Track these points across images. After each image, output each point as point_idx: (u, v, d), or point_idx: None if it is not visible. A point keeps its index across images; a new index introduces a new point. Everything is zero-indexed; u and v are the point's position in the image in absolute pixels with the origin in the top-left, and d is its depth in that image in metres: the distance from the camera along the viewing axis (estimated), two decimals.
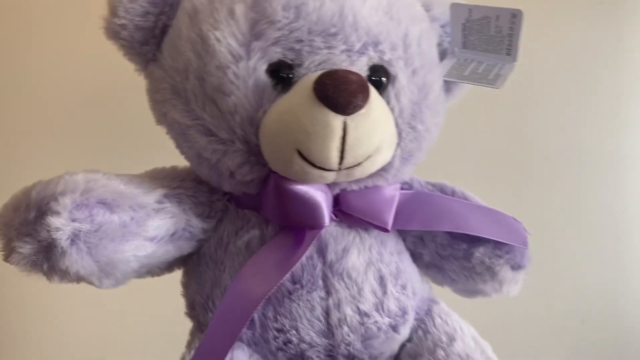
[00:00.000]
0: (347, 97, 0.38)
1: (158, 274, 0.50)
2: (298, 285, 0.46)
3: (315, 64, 0.42)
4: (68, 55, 0.85)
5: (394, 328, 0.48)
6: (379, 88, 0.44)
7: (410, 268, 0.52)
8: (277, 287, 0.45)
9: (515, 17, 0.47)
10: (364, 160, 0.42)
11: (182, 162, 0.50)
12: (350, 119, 0.39)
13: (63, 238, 0.39)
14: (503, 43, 0.49)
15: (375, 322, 0.47)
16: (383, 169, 0.45)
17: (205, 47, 0.42)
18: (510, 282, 0.51)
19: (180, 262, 0.51)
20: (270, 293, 0.44)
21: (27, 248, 0.39)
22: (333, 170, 0.41)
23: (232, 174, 0.44)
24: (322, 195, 0.45)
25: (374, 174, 0.45)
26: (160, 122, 0.47)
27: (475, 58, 0.51)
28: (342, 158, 0.40)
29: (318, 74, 0.40)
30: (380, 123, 0.42)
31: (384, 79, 0.44)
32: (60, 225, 0.38)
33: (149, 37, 0.46)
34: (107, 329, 0.88)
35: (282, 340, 0.46)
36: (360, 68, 0.43)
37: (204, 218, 0.48)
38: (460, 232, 0.50)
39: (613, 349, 0.96)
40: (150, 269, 0.48)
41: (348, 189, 0.46)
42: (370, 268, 0.47)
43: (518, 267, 0.50)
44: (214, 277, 0.47)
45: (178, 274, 0.53)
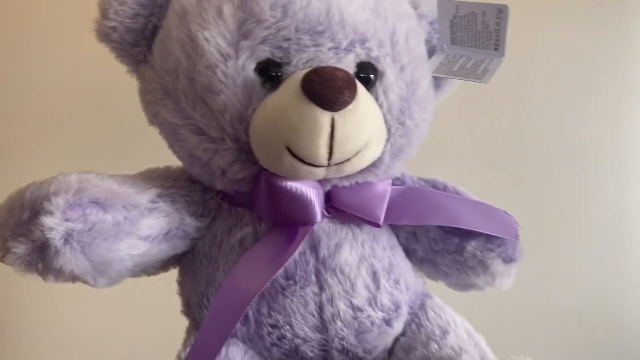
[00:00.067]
0: (334, 93, 0.39)
1: (153, 273, 0.51)
2: (291, 281, 0.46)
3: (303, 62, 0.42)
4: (65, 57, 0.85)
5: (388, 322, 0.48)
6: (367, 85, 0.44)
7: (403, 263, 0.52)
8: (270, 283, 0.45)
9: (502, 12, 0.47)
10: (353, 156, 0.42)
11: (175, 162, 0.51)
12: (338, 115, 0.39)
13: (57, 237, 0.39)
14: (490, 38, 0.49)
15: (369, 316, 0.47)
16: (373, 165, 0.46)
17: (195, 47, 0.43)
18: (503, 275, 0.51)
19: (175, 261, 0.51)
20: (264, 289, 0.45)
21: (21, 248, 0.39)
22: (322, 167, 0.42)
23: (223, 172, 0.45)
24: (313, 192, 0.45)
25: (365, 170, 0.46)
26: (153, 122, 0.48)
27: (464, 54, 0.51)
28: (331, 154, 0.41)
29: (306, 72, 0.40)
30: (368, 119, 0.42)
31: (372, 76, 0.45)
32: (54, 225, 0.39)
33: (140, 38, 0.46)
34: (105, 327, 0.88)
35: (276, 336, 0.46)
36: (348, 65, 0.43)
37: (198, 217, 0.48)
38: (452, 226, 0.50)
39: (610, 349, 0.95)
40: (145, 268, 0.49)
41: (339, 185, 0.47)
42: (363, 263, 0.48)
43: (510, 260, 0.50)
44: (209, 274, 0.48)
45: (175, 274, 0.53)
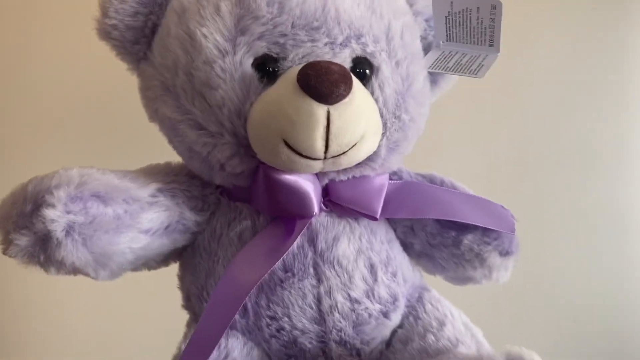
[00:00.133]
0: (329, 86, 0.39)
1: (154, 267, 0.51)
2: (290, 274, 0.47)
3: (300, 57, 0.43)
4: (65, 56, 0.86)
5: (385, 314, 0.49)
6: (363, 79, 0.45)
7: (401, 256, 0.52)
8: (269, 275, 0.46)
9: (495, 8, 0.48)
10: (349, 149, 0.43)
11: (175, 160, 0.52)
12: (334, 108, 0.40)
13: (58, 229, 0.40)
14: (485, 34, 0.50)
15: (366, 308, 0.48)
16: (370, 159, 0.46)
17: (193, 43, 0.43)
18: (500, 268, 0.51)
19: (176, 255, 0.52)
20: (262, 280, 0.45)
21: (24, 240, 0.40)
22: (319, 159, 0.42)
23: (222, 167, 0.45)
24: (310, 185, 0.46)
25: (362, 164, 0.46)
26: (153, 118, 0.49)
27: (459, 50, 0.52)
28: (327, 147, 0.41)
29: (302, 66, 0.41)
30: (364, 112, 0.43)
31: (368, 71, 0.45)
32: (56, 217, 0.40)
33: (140, 36, 0.47)
34: (106, 326, 0.88)
35: (275, 328, 0.47)
36: (344, 60, 0.44)
37: (197, 211, 0.49)
38: (449, 219, 0.50)
39: (605, 348, 0.95)
40: (146, 262, 0.49)
41: (337, 179, 0.47)
42: (361, 256, 0.48)
43: (506, 253, 0.51)
44: (208, 268, 0.48)
45: (176, 273, 0.54)
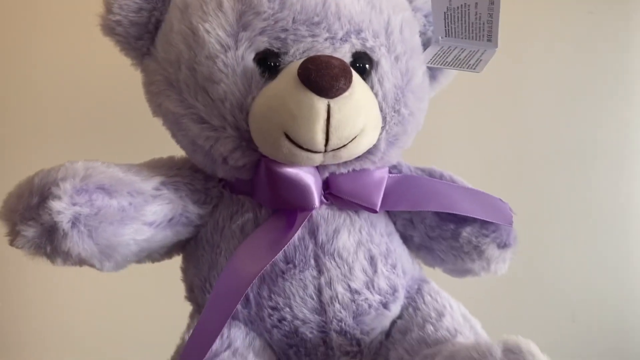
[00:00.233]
0: (329, 80, 0.40)
1: (158, 260, 0.52)
2: (291, 265, 0.47)
3: (300, 52, 0.44)
4: (66, 55, 0.86)
5: (385, 305, 0.50)
6: (363, 74, 0.46)
7: (400, 249, 0.53)
8: (270, 267, 0.47)
9: (493, 3, 0.49)
10: (349, 142, 0.43)
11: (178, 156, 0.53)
12: (334, 102, 0.41)
13: (64, 221, 0.41)
14: (483, 29, 0.51)
15: (366, 299, 0.48)
16: (370, 152, 0.47)
17: (196, 38, 0.44)
18: (498, 260, 0.52)
19: (179, 247, 0.53)
20: (263, 271, 0.46)
21: (30, 231, 0.41)
22: (319, 152, 0.43)
23: (225, 160, 0.46)
24: (311, 178, 0.46)
25: (362, 157, 0.47)
26: (156, 113, 0.49)
27: (458, 45, 0.52)
28: (327, 140, 0.42)
29: (302, 60, 0.42)
30: (364, 106, 0.43)
31: (367, 65, 0.46)
32: (62, 209, 0.40)
33: (143, 32, 0.48)
34: (106, 326, 0.88)
35: (276, 318, 0.48)
36: (344, 55, 0.45)
37: (200, 204, 0.50)
38: (447, 212, 0.51)
39: (604, 347, 0.96)
40: (150, 254, 0.50)
41: (337, 172, 0.48)
42: (361, 248, 0.49)
43: (504, 245, 0.51)
44: (211, 260, 0.49)
45: (176, 273, 0.55)
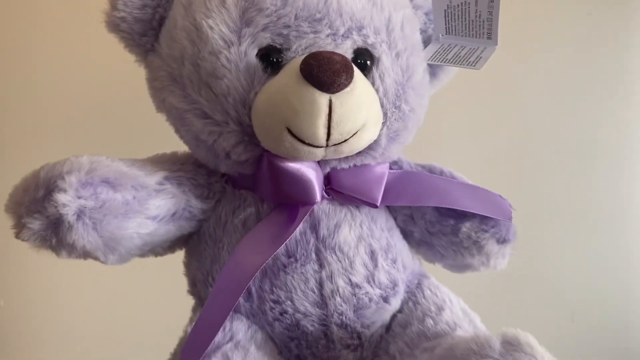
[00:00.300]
0: (331, 76, 0.41)
1: (161, 254, 0.53)
2: (292, 259, 0.48)
3: (302, 48, 0.45)
4: (66, 55, 0.86)
5: (385, 299, 0.50)
6: (364, 70, 0.46)
7: (401, 244, 0.54)
8: (272, 260, 0.48)
9: (493, 1, 0.49)
10: (350, 137, 0.44)
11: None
12: (335, 97, 0.41)
13: (70, 213, 0.41)
14: (483, 27, 0.51)
15: (367, 293, 0.49)
16: (370, 148, 0.48)
17: (199, 34, 0.45)
18: (497, 255, 0.53)
19: (182, 242, 0.53)
20: (265, 265, 0.47)
21: (36, 224, 0.42)
22: (321, 147, 0.44)
23: (227, 155, 0.47)
24: (313, 173, 0.47)
25: (363, 153, 0.48)
26: (160, 108, 0.50)
27: (458, 42, 0.53)
28: (329, 134, 0.43)
29: (304, 56, 0.42)
30: (365, 102, 0.44)
31: (368, 61, 0.47)
32: (67, 202, 0.41)
33: (148, 28, 0.48)
34: (106, 325, 0.88)
35: (278, 311, 0.48)
36: (345, 51, 0.46)
37: (203, 199, 0.50)
38: (447, 207, 0.52)
39: (603, 347, 0.96)
40: (153, 248, 0.51)
41: (338, 168, 0.49)
42: (362, 243, 0.50)
43: (503, 240, 0.52)
44: (213, 254, 0.50)
45: (177, 273, 0.55)
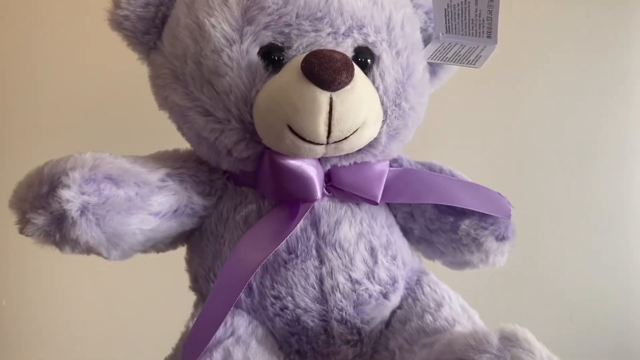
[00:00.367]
0: (332, 74, 0.41)
1: (163, 250, 0.53)
2: (293, 255, 0.49)
3: (304, 46, 0.45)
4: (66, 55, 0.87)
5: (385, 295, 0.51)
6: (365, 68, 0.47)
7: (401, 241, 0.54)
8: (273, 256, 0.48)
9: (493, 0, 0.50)
10: (351, 135, 0.44)
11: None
12: (336, 95, 0.42)
13: (73, 209, 0.42)
14: (483, 26, 0.52)
15: (366, 289, 0.49)
16: (371, 145, 0.48)
17: (202, 32, 0.45)
18: (496, 252, 0.53)
19: (184, 238, 0.54)
20: (266, 261, 0.47)
21: (40, 219, 0.42)
22: (322, 144, 0.44)
23: (229, 152, 0.47)
24: (314, 170, 0.48)
25: (363, 150, 0.48)
26: (162, 106, 0.50)
27: (458, 41, 0.53)
28: (329, 132, 0.43)
29: (305, 54, 0.43)
30: (365, 99, 0.44)
31: (369, 60, 0.47)
32: (71, 198, 0.41)
33: (150, 26, 0.49)
34: (107, 323, 0.88)
35: (278, 307, 0.49)
36: (346, 49, 0.46)
37: (205, 196, 0.51)
38: (447, 204, 0.52)
39: (602, 348, 0.96)
40: (155, 244, 0.51)
41: (339, 165, 0.49)
42: (362, 239, 0.50)
43: (502, 238, 0.52)
44: (215, 250, 0.50)
45: (178, 273, 0.56)
